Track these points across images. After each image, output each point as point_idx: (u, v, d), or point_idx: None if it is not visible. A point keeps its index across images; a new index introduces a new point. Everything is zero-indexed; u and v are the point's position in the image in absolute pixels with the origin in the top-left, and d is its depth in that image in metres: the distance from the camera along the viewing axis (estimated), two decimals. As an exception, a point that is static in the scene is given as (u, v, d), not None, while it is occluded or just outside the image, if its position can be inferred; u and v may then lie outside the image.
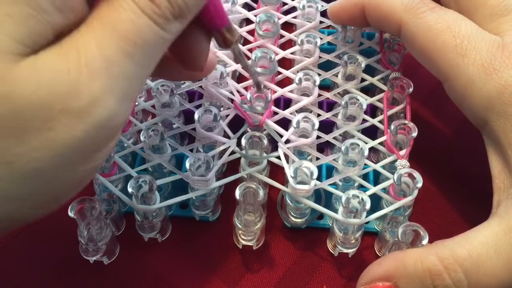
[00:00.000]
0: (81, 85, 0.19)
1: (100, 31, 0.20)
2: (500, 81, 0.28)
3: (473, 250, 0.26)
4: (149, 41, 0.21)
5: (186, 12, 0.22)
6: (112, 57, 0.20)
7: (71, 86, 0.19)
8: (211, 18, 0.26)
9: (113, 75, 0.20)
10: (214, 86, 0.35)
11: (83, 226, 0.31)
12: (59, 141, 0.19)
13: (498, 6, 0.31)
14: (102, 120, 0.20)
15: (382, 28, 0.36)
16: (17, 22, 0.19)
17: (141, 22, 0.20)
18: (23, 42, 0.19)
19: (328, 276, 0.33)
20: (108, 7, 0.21)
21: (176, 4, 0.21)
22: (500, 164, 0.29)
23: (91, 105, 0.20)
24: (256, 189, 0.30)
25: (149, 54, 0.21)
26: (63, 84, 0.19)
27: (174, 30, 0.22)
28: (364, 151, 0.31)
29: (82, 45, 0.20)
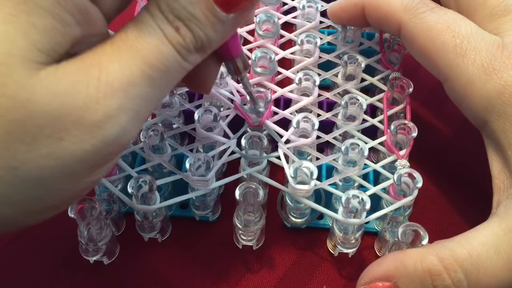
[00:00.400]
0: (98, 100, 0.20)
1: (125, 52, 0.21)
2: (500, 81, 0.28)
3: (473, 250, 0.26)
4: (170, 69, 0.22)
5: (207, 47, 0.22)
6: (133, 78, 0.21)
7: (87, 100, 0.20)
8: (227, 49, 0.27)
9: (131, 95, 0.21)
10: (214, 86, 0.35)
11: (83, 226, 0.31)
12: (67, 152, 0.20)
13: (498, 6, 0.31)
14: (113, 137, 0.21)
15: (382, 28, 0.36)
16: (41, 32, 0.19)
17: (165, 50, 0.21)
18: (45, 52, 0.20)
19: (328, 276, 0.33)
20: (135, 30, 0.21)
21: (199, 39, 0.22)
22: (500, 164, 0.29)
23: (104, 121, 0.20)
24: (256, 189, 0.30)
25: (167, 80, 0.22)
26: (80, 96, 0.20)
27: (194, 60, 0.23)
28: (364, 151, 0.31)
29: (104, 62, 0.21)
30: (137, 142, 0.36)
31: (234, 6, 0.22)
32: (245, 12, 0.23)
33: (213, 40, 0.22)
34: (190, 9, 0.21)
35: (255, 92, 0.34)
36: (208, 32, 0.22)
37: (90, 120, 0.20)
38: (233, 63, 0.28)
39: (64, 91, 0.19)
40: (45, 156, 0.20)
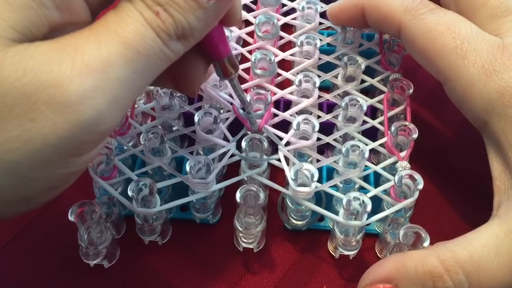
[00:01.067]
0: (72, 79, 0.19)
1: (103, 35, 0.20)
2: (500, 82, 0.28)
3: (474, 252, 0.26)
4: (151, 53, 0.21)
5: (189, 34, 0.22)
6: (111, 60, 0.20)
7: (61, 78, 0.19)
8: (213, 47, 0.26)
9: (108, 77, 0.20)
10: (213, 88, 0.35)
11: (83, 230, 0.31)
12: (39, 136, 0.19)
13: (499, 7, 0.31)
14: (88, 121, 0.20)
15: (382, 29, 0.36)
16: (15, 9, 0.19)
17: (145, 33, 0.21)
18: (17, 29, 0.19)
19: (328, 277, 0.33)
20: (115, 15, 0.21)
21: (180, 24, 0.21)
22: (500, 165, 0.29)
23: (78, 102, 0.19)
24: (256, 192, 0.30)
25: (149, 66, 0.21)
26: (52, 74, 0.19)
27: (176, 49, 0.22)
28: (365, 152, 0.31)
29: (81, 43, 0.20)
30: (137, 144, 0.36)
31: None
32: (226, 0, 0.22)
33: (194, 27, 0.22)
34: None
35: (254, 94, 0.33)
36: (188, 18, 0.21)
37: (63, 100, 0.19)
38: (221, 64, 0.27)
39: (35, 67, 0.19)
40: (14, 138, 0.19)
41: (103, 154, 0.32)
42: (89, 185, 0.34)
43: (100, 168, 0.32)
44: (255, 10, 0.41)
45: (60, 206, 0.36)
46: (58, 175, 0.21)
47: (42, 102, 0.19)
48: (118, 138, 0.34)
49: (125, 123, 0.34)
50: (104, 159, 0.32)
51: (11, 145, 0.19)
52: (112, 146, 0.33)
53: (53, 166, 0.20)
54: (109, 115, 0.21)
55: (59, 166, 0.21)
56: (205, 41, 0.25)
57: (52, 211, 0.36)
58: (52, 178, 0.21)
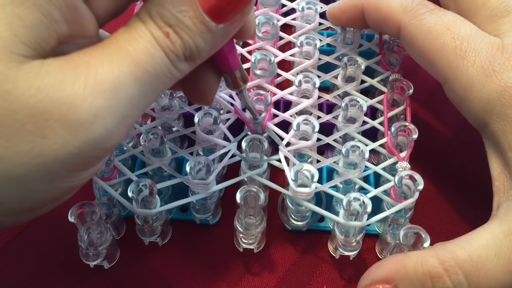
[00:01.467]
0: (85, 99, 0.19)
1: (115, 53, 0.21)
2: (499, 83, 0.28)
3: (473, 252, 0.26)
4: (160, 73, 0.22)
5: (196, 56, 0.22)
6: (122, 79, 0.20)
7: (73, 97, 0.19)
8: (224, 60, 0.26)
9: (119, 96, 0.20)
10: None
11: (83, 231, 0.31)
12: (49, 152, 0.19)
13: (498, 7, 0.31)
14: (98, 139, 0.20)
15: (381, 30, 0.36)
16: (26, 25, 0.19)
17: (155, 53, 0.21)
18: (29, 45, 0.19)
19: (328, 277, 0.33)
20: (126, 34, 0.21)
21: (188, 46, 0.22)
22: (500, 166, 0.29)
23: (90, 121, 0.20)
24: (257, 193, 0.30)
25: (156, 85, 0.22)
26: (65, 93, 0.19)
27: (183, 69, 0.23)
28: (365, 153, 0.31)
29: (94, 62, 0.20)
30: (137, 145, 0.36)
31: (224, 17, 0.22)
32: (235, 23, 0.23)
33: (202, 49, 0.22)
34: (179, 16, 0.21)
35: (254, 95, 0.33)
36: (197, 40, 0.22)
37: (75, 119, 0.19)
38: (231, 76, 0.28)
39: (49, 85, 0.19)
40: (25, 153, 0.19)
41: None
42: (89, 186, 0.34)
43: (100, 169, 0.32)
44: (255, 10, 0.41)
45: (60, 207, 0.35)
46: (62, 187, 0.21)
47: (54, 119, 0.19)
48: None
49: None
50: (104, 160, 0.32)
51: (20, 159, 0.19)
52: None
53: (59, 180, 0.21)
54: (117, 132, 0.21)
55: (65, 180, 0.21)
56: (216, 55, 0.25)
57: (52, 211, 0.35)
58: (56, 190, 0.21)
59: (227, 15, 0.22)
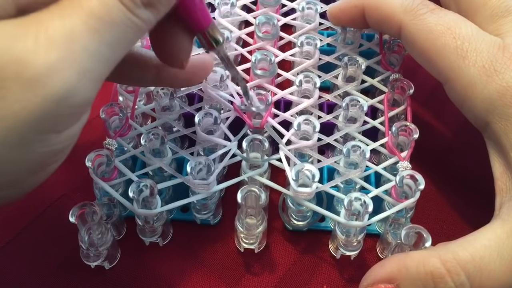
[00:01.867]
0: (37, 53, 0.19)
1: (67, 7, 0.20)
2: (501, 82, 0.28)
3: (475, 253, 0.26)
4: (117, 21, 0.21)
5: (155, 2, 0.22)
6: (75, 31, 0.20)
7: (25, 53, 0.19)
8: (190, 18, 0.25)
9: (74, 48, 0.20)
10: (214, 89, 0.35)
11: (84, 231, 0.31)
12: (10, 113, 0.19)
13: (499, 7, 0.31)
14: (59, 93, 0.20)
15: (382, 30, 0.36)
16: None
17: (109, 1, 0.20)
18: None
19: (329, 277, 0.33)
20: None
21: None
22: (502, 166, 0.29)
23: (46, 75, 0.19)
24: (258, 193, 0.30)
25: (117, 34, 0.21)
26: (17, 49, 0.19)
27: (146, 17, 0.22)
28: (366, 153, 0.31)
29: (45, 17, 0.20)
30: (137, 146, 0.36)
31: None
32: None
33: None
34: None
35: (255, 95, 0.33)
36: None
37: (30, 75, 0.19)
38: (203, 35, 0.26)
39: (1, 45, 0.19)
40: None
41: (103, 156, 0.32)
42: (90, 186, 0.34)
43: (101, 169, 0.32)
44: (255, 10, 0.41)
45: (60, 207, 0.36)
46: (39, 154, 0.21)
47: (10, 79, 0.19)
48: (118, 139, 0.34)
49: (125, 124, 0.34)
50: (105, 160, 0.32)
51: None
52: (112, 147, 0.33)
53: (30, 145, 0.20)
54: (80, 86, 0.20)
55: (37, 144, 0.20)
56: (181, 10, 0.24)
57: (52, 211, 0.36)
58: (32, 157, 0.21)
59: None
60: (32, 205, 0.36)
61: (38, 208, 0.36)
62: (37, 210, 0.36)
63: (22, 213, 0.36)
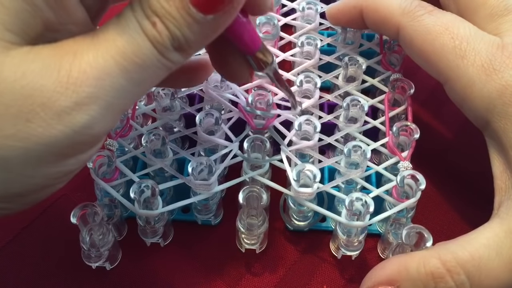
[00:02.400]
0: (68, 86, 0.20)
1: (102, 42, 0.21)
2: (500, 81, 0.28)
3: (475, 252, 0.26)
4: (148, 63, 0.21)
5: (186, 47, 0.22)
6: (107, 68, 0.20)
7: (57, 84, 0.20)
8: (239, 44, 0.25)
9: (104, 85, 0.20)
10: (215, 89, 0.35)
11: (85, 232, 0.31)
12: (34, 135, 0.20)
13: (498, 6, 0.31)
14: (82, 125, 0.20)
15: (380, 31, 0.36)
16: (11, 12, 0.19)
17: (142, 43, 0.21)
18: (15, 32, 0.20)
19: (329, 277, 0.33)
20: (115, 23, 0.21)
21: (176, 37, 0.21)
22: (502, 165, 0.29)
23: (73, 108, 0.20)
24: (259, 193, 0.30)
25: (145, 75, 0.22)
26: (50, 80, 0.20)
27: (175, 59, 0.22)
28: (367, 153, 0.31)
29: (80, 50, 0.20)
30: (138, 146, 0.36)
31: (212, 8, 0.21)
32: (227, 14, 0.22)
33: (190, 40, 0.22)
34: (166, 6, 0.21)
35: (256, 95, 0.33)
36: (184, 32, 0.21)
37: (58, 105, 0.20)
38: (252, 58, 0.26)
39: (34, 72, 0.19)
40: (10, 136, 0.19)
41: (104, 156, 0.32)
42: (91, 187, 0.34)
43: (102, 170, 0.32)
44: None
45: (61, 207, 0.36)
46: (51, 174, 0.21)
47: (38, 104, 0.19)
48: (119, 140, 0.34)
49: (126, 124, 0.34)
50: (106, 161, 0.32)
51: (5, 142, 0.19)
52: (113, 148, 0.33)
53: (46, 165, 0.21)
54: (103, 120, 0.21)
55: (52, 165, 0.21)
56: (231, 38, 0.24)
57: (52, 211, 0.36)
58: (44, 176, 0.21)
59: (216, 6, 0.21)
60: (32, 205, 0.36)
61: (38, 208, 0.36)
62: (37, 210, 0.36)
63: (22, 213, 0.35)
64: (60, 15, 0.21)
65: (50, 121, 0.20)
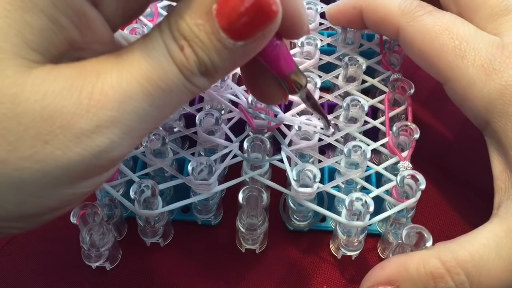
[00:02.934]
0: (89, 109, 0.19)
1: (127, 64, 0.20)
2: (500, 81, 0.28)
3: (474, 252, 0.26)
4: (173, 88, 0.20)
5: (213, 72, 0.21)
6: (130, 92, 0.20)
7: (78, 106, 0.19)
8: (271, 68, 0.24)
9: (126, 109, 0.20)
10: (215, 89, 0.35)
11: (86, 232, 0.31)
12: (51, 158, 0.19)
13: (498, 6, 0.31)
14: (101, 149, 0.20)
15: (380, 31, 0.36)
16: (35, 31, 0.19)
17: (168, 68, 0.20)
18: (39, 51, 0.19)
19: (329, 277, 0.33)
20: (142, 44, 0.20)
21: (203, 62, 0.20)
22: (501, 164, 0.29)
23: (93, 131, 0.19)
24: (259, 193, 0.30)
25: (169, 99, 0.21)
26: (71, 101, 0.19)
27: (200, 84, 0.21)
28: (367, 153, 0.31)
29: (103, 71, 0.20)
30: (138, 146, 0.36)
31: (243, 34, 0.20)
32: (257, 42, 0.20)
33: (218, 66, 0.21)
34: (195, 29, 0.20)
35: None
36: (212, 57, 0.20)
37: (78, 128, 0.19)
38: (285, 81, 0.25)
39: (55, 92, 0.19)
40: (27, 158, 0.19)
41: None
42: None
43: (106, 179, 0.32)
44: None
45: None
46: (66, 196, 0.21)
47: (57, 126, 0.19)
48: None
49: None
50: (106, 161, 0.32)
51: (22, 164, 0.19)
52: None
53: (61, 187, 0.20)
54: (123, 144, 0.20)
55: (68, 187, 0.21)
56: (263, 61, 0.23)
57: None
58: (59, 198, 0.21)
59: (247, 32, 0.20)
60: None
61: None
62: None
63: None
64: (85, 34, 0.21)
65: (69, 144, 0.19)
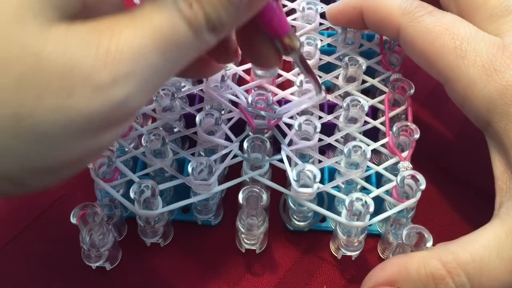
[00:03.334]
0: (107, 63, 0.20)
1: (139, 21, 0.21)
2: (501, 81, 0.28)
3: (475, 253, 0.26)
4: (182, 42, 0.22)
5: (219, 28, 0.22)
6: (143, 47, 0.21)
7: (97, 61, 0.20)
8: (267, 26, 0.26)
9: (140, 64, 0.21)
10: (215, 89, 0.35)
11: (85, 232, 0.31)
12: (74, 109, 0.20)
13: (499, 7, 0.31)
14: (119, 100, 0.21)
15: (380, 32, 0.36)
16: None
17: (178, 23, 0.21)
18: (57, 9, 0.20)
19: (329, 277, 0.33)
20: (152, 3, 0.22)
21: (211, 19, 0.22)
22: (502, 165, 0.29)
23: (110, 85, 0.21)
24: (259, 193, 0.30)
25: (180, 54, 0.22)
26: (90, 56, 0.20)
27: (209, 40, 0.23)
28: (367, 153, 0.31)
29: (117, 28, 0.21)
30: (138, 146, 0.36)
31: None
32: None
33: (224, 22, 0.22)
34: None
35: (256, 95, 0.33)
36: (219, 13, 0.22)
37: (98, 81, 0.20)
38: (280, 41, 0.26)
39: (74, 48, 0.20)
40: (52, 110, 0.20)
41: (104, 156, 0.32)
42: (90, 186, 0.34)
43: (102, 170, 0.32)
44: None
45: (61, 207, 0.36)
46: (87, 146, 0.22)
47: (79, 82, 0.20)
48: (119, 140, 0.34)
49: (126, 124, 0.34)
50: (106, 161, 0.32)
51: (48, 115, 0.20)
52: (113, 148, 0.33)
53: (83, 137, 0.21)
54: (139, 96, 0.22)
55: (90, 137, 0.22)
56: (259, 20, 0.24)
57: (52, 212, 0.36)
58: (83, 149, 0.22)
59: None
60: (32, 205, 0.36)
61: (38, 208, 0.36)
62: (37, 210, 0.36)
63: (22, 213, 0.36)
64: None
65: (91, 96, 0.20)
